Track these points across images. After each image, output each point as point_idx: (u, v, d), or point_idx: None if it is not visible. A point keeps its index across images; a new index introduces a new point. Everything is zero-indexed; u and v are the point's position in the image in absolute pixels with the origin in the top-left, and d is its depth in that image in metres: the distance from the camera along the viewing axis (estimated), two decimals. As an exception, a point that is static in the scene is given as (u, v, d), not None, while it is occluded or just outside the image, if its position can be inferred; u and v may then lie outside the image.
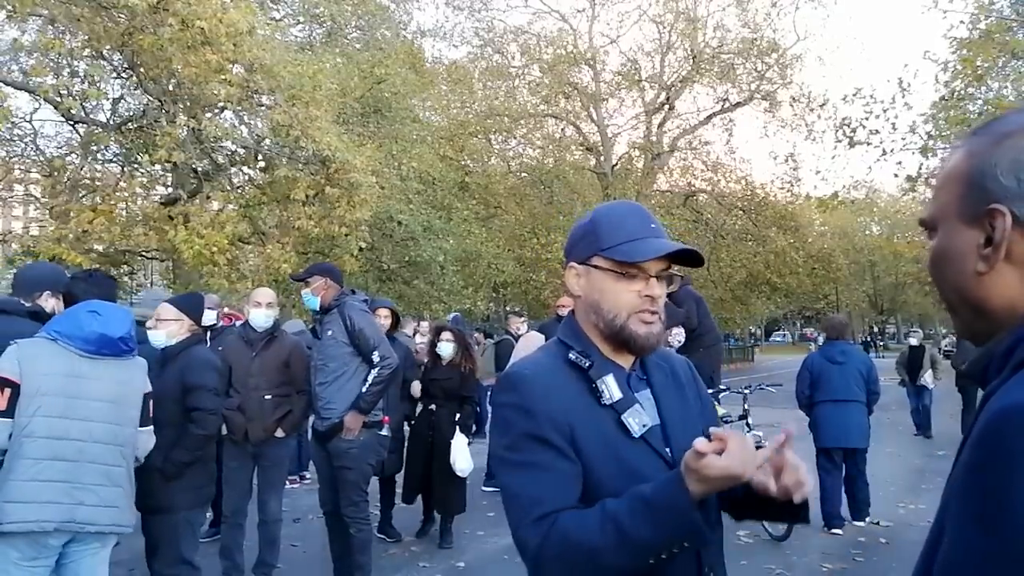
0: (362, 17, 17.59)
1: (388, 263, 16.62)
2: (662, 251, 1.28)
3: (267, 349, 4.41)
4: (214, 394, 3.42)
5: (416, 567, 4.90)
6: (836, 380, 5.86)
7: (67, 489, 2.59)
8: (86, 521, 2.65)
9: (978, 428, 0.71)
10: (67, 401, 2.63)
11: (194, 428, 3.30)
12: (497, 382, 1.31)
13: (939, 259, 0.83)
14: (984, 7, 13.71)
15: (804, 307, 42.21)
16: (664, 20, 23.63)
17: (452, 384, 5.31)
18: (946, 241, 0.82)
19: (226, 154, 13.36)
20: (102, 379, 2.74)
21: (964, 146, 0.84)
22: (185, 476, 3.31)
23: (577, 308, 1.37)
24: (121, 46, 10.82)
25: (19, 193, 17.47)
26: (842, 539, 5.57)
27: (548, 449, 1.20)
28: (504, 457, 1.25)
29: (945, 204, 0.82)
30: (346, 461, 4.10)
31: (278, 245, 11.91)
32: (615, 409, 1.26)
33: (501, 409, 1.28)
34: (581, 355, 1.29)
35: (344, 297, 4.22)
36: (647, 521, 1.10)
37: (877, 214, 44.30)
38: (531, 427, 1.21)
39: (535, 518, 1.16)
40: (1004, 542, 0.63)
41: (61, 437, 2.60)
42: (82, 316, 2.74)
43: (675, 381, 1.41)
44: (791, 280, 23.58)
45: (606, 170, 23.88)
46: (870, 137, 14.41)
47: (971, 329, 0.84)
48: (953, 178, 0.82)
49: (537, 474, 1.19)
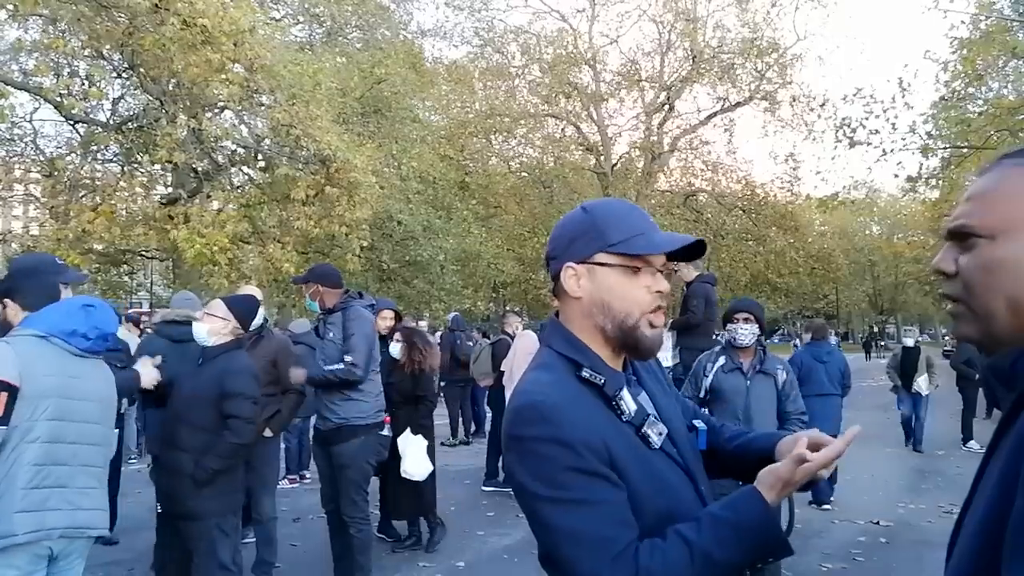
0: (362, 17, 17.61)
1: (388, 263, 16.64)
2: (678, 243, 1.25)
3: (254, 349, 4.41)
4: (252, 402, 3.32)
5: (416, 567, 4.90)
6: (822, 376, 6.63)
7: (65, 494, 2.51)
8: (84, 525, 2.56)
9: None
10: (65, 403, 2.52)
11: (229, 436, 3.21)
12: (517, 412, 1.20)
13: (999, 267, 0.86)
14: (984, 7, 13.72)
15: (804, 307, 42.17)
16: (664, 20, 23.64)
17: (406, 386, 5.15)
18: (1013, 251, 0.85)
19: (226, 154, 13.37)
20: (93, 379, 2.65)
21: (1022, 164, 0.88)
22: (216, 482, 3.22)
23: (573, 311, 1.27)
24: (121, 46, 10.83)
25: (19, 193, 17.45)
26: (842, 539, 5.57)
27: (596, 480, 1.13)
28: (549, 496, 1.13)
29: (1011, 217, 0.86)
30: (347, 461, 4.10)
31: (279, 245, 11.92)
32: (632, 423, 1.22)
33: (531, 443, 1.15)
34: (593, 371, 1.22)
35: (351, 301, 4.21)
36: (738, 546, 1.09)
37: (877, 214, 44.35)
38: (573, 460, 1.12)
39: (612, 557, 1.10)
40: None
41: (59, 440, 2.50)
42: (77, 311, 2.60)
43: (655, 376, 1.40)
44: (791, 280, 23.59)
45: (606, 170, 23.89)
46: (870, 137, 14.42)
47: (999, 339, 0.87)
48: (1022, 193, 0.86)
49: (596, 509, 1.12)
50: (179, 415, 3.31)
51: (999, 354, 0.86)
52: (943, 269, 0.92)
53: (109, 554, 4.87)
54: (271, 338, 4.58)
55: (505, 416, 1.22)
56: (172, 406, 3.37)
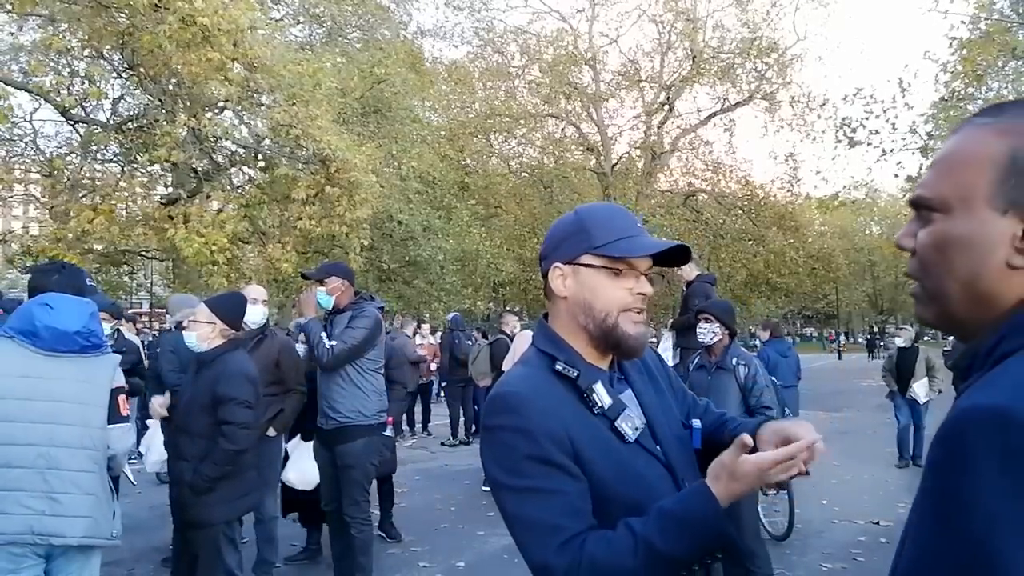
0: (362, 17, 17.60)
1: (388, 263, 16.65)
2: (658, 247, 1.28)
3: (258, 349, 4.41)
4: (246, 407, 3.20)
5: (416, 567, 4.90)
6: (785, 369, 7.46)
7: (20, 498, 2.38)
8: (50, 533, 2.41)
9: (942, 427, 0.70)
10: (21, 403, 2.42)
11: (224, 442, 3.12)
12: (488, 402, 1.26)
13: (949, 245, 0.76)
14: (984, 7, 13.72)
15: (804, 307, 42.20)
16: (664, 20, 23.63)
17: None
18: (966, 227, 0.75)
19: (226, 154, 13.37)
20: (63, 378, 2.51)
21: (991, 124, 0.77)
22: (219, 489, 3.16)
23: (559, 311, 1.32)
24: (121, 45, 10.83)
25: (19, 193, 17.44)
26: (842, 539, 5.58)
27: (554, 470, 1.16)
28: (508, 484, 1.19)
29: (967, 187, 0.75)
30: (349, 461, 4.10)
31: (279, 245, 11.92)
32: (607, 416, 1.25)
33: (497, 432, 1.21)
34: (567, 364, 1.26)
35: (363, 303, 4.21)
36: (681, 538, 1.09)
37: (877, 214, 44.35)
38: (533, 449, 1.16)
39: (559, 545, 1.12)
40: (959, 543, 0.63)
41: (16, 443, 2.39)
42: (34, 311, 2.52)
43: (650, 376, 1.42)
44: (791, 280, 23.57)
45: (606, 170, 23.88)
46: (870, 137, 14.45)
47: (960, 323, 0.79)
48: (982, 159, 0.75)
49: (549, 498, 1.15)
50: (179, 424, 3.29)
51: (961, 354, 0.80)
52: (902, 245, 0.82)
53: (109, 554, 4.84)
54: (274, 338, 4.58)
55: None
56: (174, 415, 3.36)
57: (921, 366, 8.57)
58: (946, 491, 0.65)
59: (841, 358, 38.13)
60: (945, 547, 0.64)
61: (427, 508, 6.55)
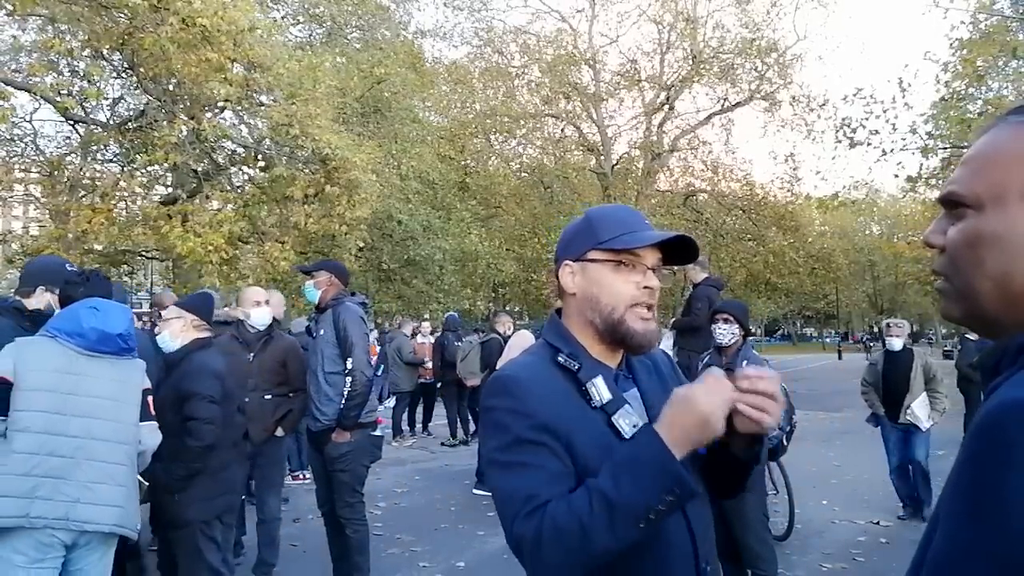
0: (362, 17, 17.61)
1: (387, 263, 16.64)
2: (660, 238, 1.30)
3: (264, 350, 4.41)
4: (209, 402, 3.19)
5: (416, 567, 4.90)
6: None
7: (59, 485, 2.53)
8: (84, 520, 2.56)
9: (978, 420, 0.69)
10: (63, 397, 2.59)
11: (188, 439, 3.12)
12: (487, 385, 1.29)
13: (981, 242, 0.76)
14: (984, 6, 13.72)
15: (804, 307, 42.20)
16: (663, 20, 23.62)
17: None
18: (999, 225, 0.75)
19: (226, 154, 13.36)
20: (101, 377, 2.70)
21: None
22: (193, 488, 3.17)
23: (569, 307, 1.36)
24: (121, 45, 10.81)
25: (19, 193, 17.43)
26: (842, 539, 5.58)
27: (541, 449, 1.18)
28: (496, 459, 1.22)
29: (1001, 184, 0.76)
30: (340, 463, 4.09)
31: (277, 244, 11.90)
32: (605, 411, 1.26)
33: (493, 413, 1.25)
34: (570, 357, 1.29)
35: (342, 298, 4.21)
36: (630, 480, 1.09)
37: (877, 214, 44.37)
38: (525, 430, 1.19)
39: (527, 513, 1.14)
40: (996, 536, 0.62)
41: (57, 433, 2.56)
42: (81, 312, 2.72)
43: (659, 376, 1.42)
44: (791, 280, 23.55)
45: (606, 170, 23.86)
46: (870, 137, 14.46)
47: (990, 321, 0.79)
48: (1016, 157, 0.76)
49: (529, 472, 1.17)
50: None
51: (987, 352, 0.80)
52: (931, 242, 0.83)
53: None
54: (280, 338, 4.59)
55: None
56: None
57: (918, 377, 6.05)
58: (985, 483, 0.64)
59: (841, 358, 38.18)
60: (981, 539, 0.64)
61: (427, 508, 6.55)
